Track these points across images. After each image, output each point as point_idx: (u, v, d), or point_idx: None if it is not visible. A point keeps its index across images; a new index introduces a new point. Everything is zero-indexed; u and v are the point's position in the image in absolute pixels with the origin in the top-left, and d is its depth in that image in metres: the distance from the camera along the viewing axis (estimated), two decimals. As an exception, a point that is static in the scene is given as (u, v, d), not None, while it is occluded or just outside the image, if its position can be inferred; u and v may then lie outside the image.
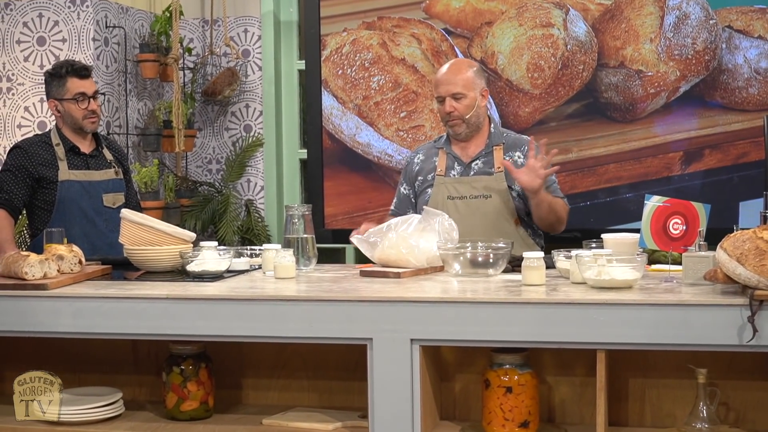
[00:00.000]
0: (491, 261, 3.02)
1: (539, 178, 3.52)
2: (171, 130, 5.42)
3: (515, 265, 3.06)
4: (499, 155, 3.75)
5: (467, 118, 3.73)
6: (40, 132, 4.81)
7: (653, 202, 2.85)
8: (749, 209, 4.67)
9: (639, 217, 2.89)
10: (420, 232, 3.17)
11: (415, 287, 2.84)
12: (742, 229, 2.66)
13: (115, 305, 2.78)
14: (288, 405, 3.05)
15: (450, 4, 5.10)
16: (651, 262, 3.16)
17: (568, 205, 3.78)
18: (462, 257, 3.02)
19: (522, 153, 3.77)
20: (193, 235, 3.22)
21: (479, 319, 2.59)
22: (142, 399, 3.15)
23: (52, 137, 4.09)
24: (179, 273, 3.13)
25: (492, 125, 3.83)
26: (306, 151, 5.58)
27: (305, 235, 3.23)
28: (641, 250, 2.93)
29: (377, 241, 3.20)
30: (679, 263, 2.86)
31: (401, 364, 2.63)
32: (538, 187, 3.53)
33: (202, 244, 3.15)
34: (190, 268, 3.04)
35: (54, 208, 4.01)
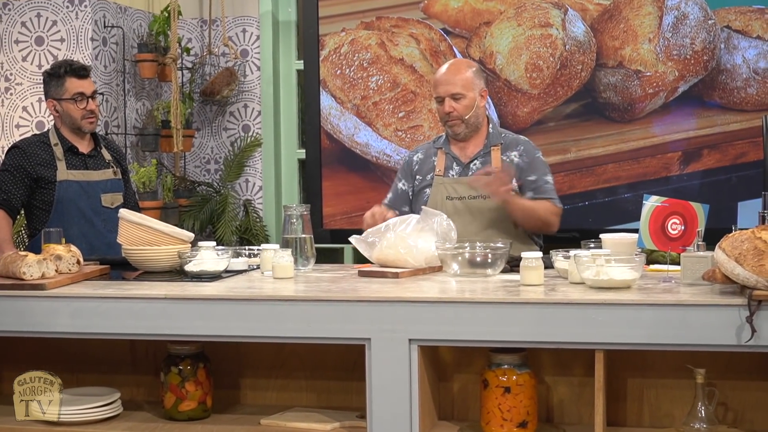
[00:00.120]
0: (489, 261, 3.02)
1: (499, 195, 3.56)
2: (169, 130, 5.42)
3: (513, 265, 3.06)
4: (496, 155, 3.75)
5: (466, 118, 3.73)
6: (38, 132, 4.80)
7: (652, 202, 2.85)
8: (748, 209, 4.67)
9: (637, 217, 2.89)
10: (418, 233, 3.17)
11: (413, 287, 2.84)
12: (741, 229, 2.66)
13: (114, 305, 2.78)
14: (286, 405, 3.05)
15: (448, 4, 5.10)
16: (649, 262, 3.16)
17: (558, 205, 3.74)
18: (460, 257, 3.03)
19: (518, 152, 3.77)
20: (192, 235, 3.21)
21: (477, 319, 2.59)
22: (140, 399, 3.15)
23: (50, 137, 4.09)
24: (177, 273, 3.13)
25: (490, 125, 3.83)
26: (304, 151, 5.58)
27: (303, 235, 3.23)
28: (640, 250, 2.93)
29: (376, 241, 3.20)
30: (677, 263, 2.86)
31: (399, 364, 2.63)
32: (500, 202, 3.58)
33: (201, 244, 3.14)
34: (189, 268, 3.04)
35: (52, 208, 4.01)
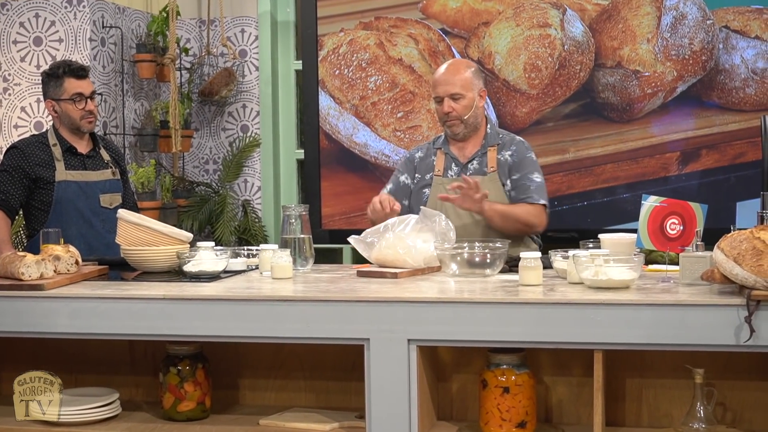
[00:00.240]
0: (488, 261, 3.02)
1: (477, 202, 3.53)
2: (168, 131, 5.42)
3: (512, 265, 3.06)
4: (492, 155, 3.76)
5: (465, 118, 3.73)
6: (36, 132, 4.80)
7: (650, 203, 2.85)
8: (746, 209, 4.67)
9: (636, 218, 2.89)
10: (417, 233, 3.17)
11: (412, 287, 2.84)
12: (740, 229, 2.66)
13: (112, 306, 2.78)
14: (285, 405, 3.05)
15: (447, 5, 5.10)
16: (648, 262, 3.17)
17: (541, 203, 3.67)
18: (459, 257, 3.03)
19: (510, 152, 3.77)
20: (190, 235, 3.21)
21: (476, 319, 2.59)
22: (139, 399, 3.15)
23: (49, 137, 4.09)
24: (176, 273, 3.13)
25: (488, 126, 3.84)
26: (303, 151, 5.58)
27: (302, 236, 3.23)
28: (638, 250, 2.93)
29: (374, 241, 3.20)
30: (676, 263, 2.86)
31: (398, 365, 2.63)
32: (477, 209, 3.56)
33: (199, 244, 3.14)
34: (187, 268, 3.04)
35: (51, 208, 4.01)
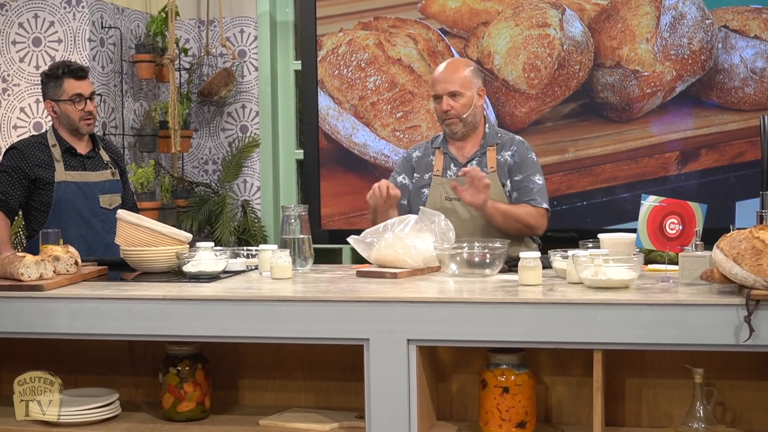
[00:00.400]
0: (488, 261, 3.02)
1: (483, 191, 3.52)
2: (167, 131, 5.42)
3: (512, 265, 3.06)
4: (492, 155, 3.76)
5: (464, 116, 3.73)
6: (36, 133, 4.80)
7: (650, 202, 2.85)
8: (746, 209, 4.67)
9: (635, 217, 2.89)
10: (416, 233, 3.17)
11: (411, 287, 2.84)
12: (739, 228, 2.66)
13: (112, 306, 2.77)
14: (285, 405, 3.05)
15: (446, 5, 5.10)
16: (647, 262, 3.17)
17: (543, 206, 3.69)
18: (458, 257, 3.03)
19: (511, 152, 3.77)
20: (190, 235, 3.21)
21: (476, 319, 2.59)
22: (139, 400, 3.15)
23: (48, 138, 4.08)
24: (176, 274, 3.13)
25: (487, 125, 3.83)
26: (302, 151, 5.58)
27: (302, 236, 3.23)
28: (638, 250, 2.93)
29: (374, 241, 3.20)
30: (675, 263, 2.86)
31: (398, 365, 2.63)
32: (481, 202, 3.55)
33: (199, 244, 3.14)
34: (187, 268, 3.04)
35: (50, 209, 4.00)
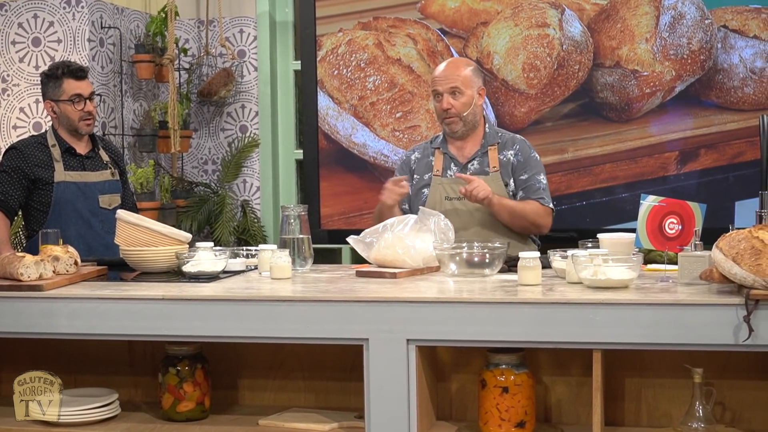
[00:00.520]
0: (487, 261, 3.02)
1: (483, 191, 3.56)
2: (167, 131, 5.42)
3: (511, 265, 3.06)
4: (493, 155, 3.76)
5: (464, 115, 3.73)
6: (35, 133, 4.80)
7: (649, 202, 2.85)
8: (745, 209, 4.67)
9: (635, 217, 2.89)
10: (416, 233, 3.17)
11: (411, 287, 2.84)
12: (738, 228, 2.66)
13: (111, 306, 2.78)
14: (284, 405, 3.05)
15: (445, 5, 5.10)
16: (647, 261, 3.16)
17: (549, 206, 3.72)
18: (458, 257, 3.03)
19: (513, 151, 3.77)
20: (189, 235, 3.21)
21: (475, 319, 2.59)
22: (138, 400, 3.15)
23: (48, 138, 4.09)
24: (175, 274, 3.13)
25: (487, 125, 3.84)
26: (302, 151, 5.58)
27: (301, 236, 3.23)
28: (637, 249, 2.93)
29: (373, 241, 3.20)
30: (674, 263, 2.86)
31: (397, 365, 2.63)
32: (487, 202, 3.57)
33: (198, 244, 3.14)
34: (186, 268, 3.04)
35: (50, 209, 4.00)
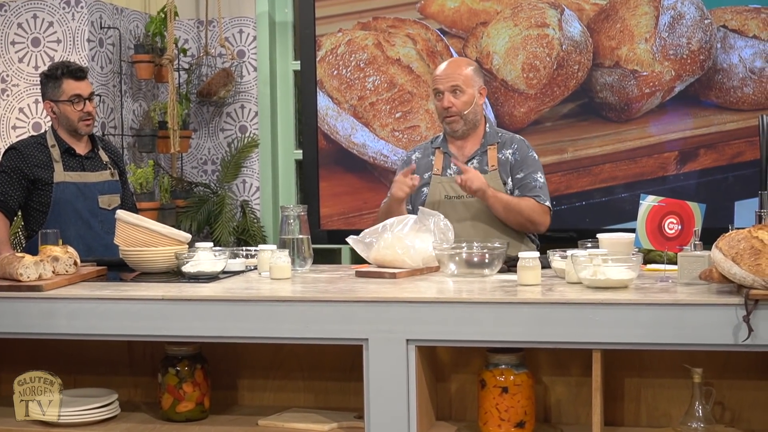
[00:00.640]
0: (487, 261, 3.02)
1: (478, 181, 3.56)
2: (166, 131, 5.42)
3: (511, 265, 3.06)
4: (493, 154, 3.76)
5: (465, 114, 3.73)
6: (35, 133, 4.80)
7: (648, 202, 2.85)
8: (744, 209, 4.67)
9: (634, 217, 2.89)
10: (415, 233, 3.17)
11: (410, 288, 2.84)
12: (738, 228, 2.66)
13: (111, 306, 2.78)
14: (284, 406, 3.05)
15: (445, 5, 5.10)
16: (646, 261, 3.16)
17: (546, 204, 3.71)
18: (457, 257, 3.03)
19: (511, 150, 3.77)
20: (189, 236, 3.21)
21: (475, 319, 2.59)
22: (138, 400, 3.15)
23: (47, 138, 4.09)
24: (175, 274, 3.13)
25: (487, 125, 3.84)
26: (301, 151, 5.58)
27: (301, 236, 3.23)
28: (636, 249, 2.93)
29: (373, 241, 3.20)
30: (674, 263, 2.86)
31: (397, 365, 2.63)
32: (481, 194, 3.58)
33: (198, 245, 3.14)
34: (186, 269, 3.04)
35: (49, 209, 4.00)
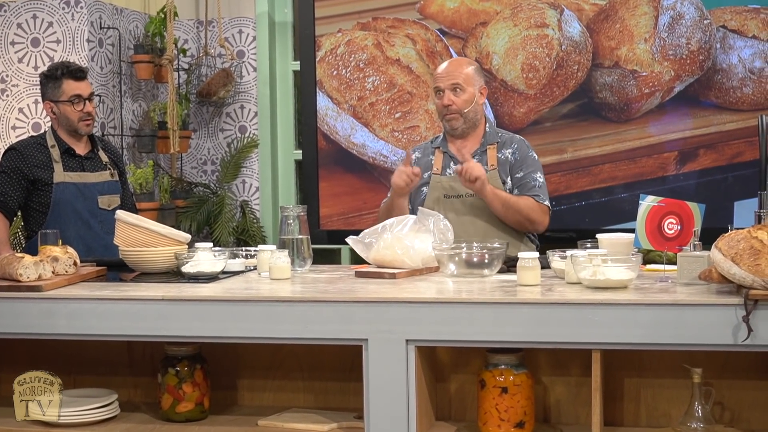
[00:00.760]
0: (486, 261, 3.02)
1: (477, 170, 3.56)
2: (166, 132, 5.42)
3: (510, 265, 3.06)
4: (492, 153, 3.76)
5: (465, 112, 3.73)
6: (34, 133, 4.80)
7: (648, 202, 2.86)
8: (744, 209, 4.68)
9: (634, 217, 2.89)
10: (415, 233, 3.18)
11: (410, 288, 2.84)
12: (737, 228, 2.66)
13: (111, 307, 2.78)
14: (283, 406, 3.05)
15: (444, 5, 5.10)
16: (646, 262, 3.17)
17: (545, 203, 3.72)
18: (457, 258, 3.03)
19: (511, 150, 3.78)
20: (188, 236, 3.21)
21: (474, 319, 2.59)
22: (138, 400, 3.15)
23: (47, 139, 4.09)
24: (174, 274, 3.13)
25: (487, 125, 3.84)
26: (301, 152, 5.58)
27: (300, 236, 3.23)
28: (636, 250, 2.93)
29: (372, 241, 3.20)
30: (674, 263, 2.86)
31: (397, 365, 2.63)
32: (475, 176, 3.56)
33: (197, 245, 3.14)
34: (186, 269, 3.04)
35: (49, 209, 4.00)
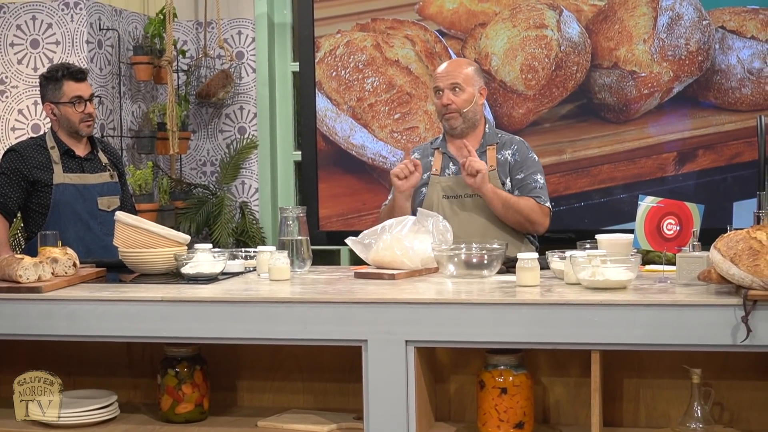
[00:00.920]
0: (485, 262, 3.02)
1: (480, 163, 3.57)
2: (165, 133, 5.42)
3: (509, 266, 3.06)
4: (492, 154, 3.76)
5: (464, 111, 3.73)
6: (34, 135, 4.80)
7: (647, 203, 2.86)
8: (743, 209, 4.68)
9: (633, 218, 2.89)
10: (414, 234, 3.18)
11: (409, 289, 2.84)
12: (736, 229, 2.67)
13: (110, 308, 2.78)
14: (283, 407, 3.05)
15: (443, 6, 5.10)
16: (645, 262, 3.17)
17: (546, 204, 3.72)
18: (456, 258, 3.03)
19: (511, 151, 3.78)
20: (188, 237, 3.21)
21: (474, 320, 2.60)
22: (137, 401, 3.15)
23: (47, 140, 4.09)
24: (174, 275, 3.13)
25: (487, 125, 3.85)
26: (300, 152, 5.58)
27: (300, 237, 3.23)
28: (635, 250, 2.93)
29: (372, 242, 3.20)
30: (673, 264, 2.86)
31: (396, 366, 2.63)
32: (478, 186, 3.58)
33: (197, 246, 3.14)
34: (185, 270, 3.04)
35: (49, 211, 4.01)
